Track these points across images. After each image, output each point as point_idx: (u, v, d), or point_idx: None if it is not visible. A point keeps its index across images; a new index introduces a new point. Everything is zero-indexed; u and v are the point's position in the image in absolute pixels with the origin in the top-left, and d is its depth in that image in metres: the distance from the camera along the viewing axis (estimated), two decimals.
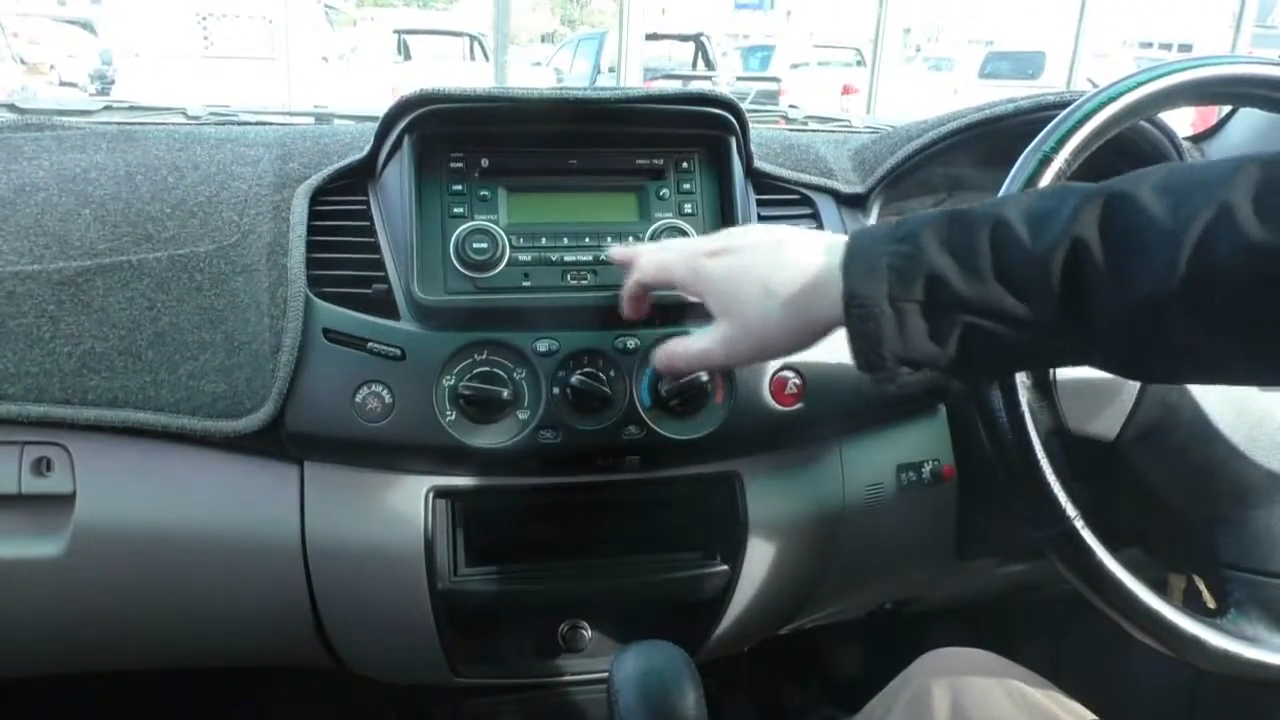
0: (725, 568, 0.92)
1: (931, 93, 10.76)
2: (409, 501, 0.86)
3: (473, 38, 9.75)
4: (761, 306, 0.65)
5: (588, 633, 0.97)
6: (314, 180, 0.89)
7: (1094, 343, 0.58)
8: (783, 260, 0.65)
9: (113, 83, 7.41)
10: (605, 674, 0.74)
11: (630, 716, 0.63)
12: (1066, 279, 0.56)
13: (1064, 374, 0.78)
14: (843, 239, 0.64)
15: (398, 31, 9.72)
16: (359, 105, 1.34)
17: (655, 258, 0.73)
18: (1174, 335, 0.55)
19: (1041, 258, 0.56)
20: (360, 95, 6.56)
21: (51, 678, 1.11)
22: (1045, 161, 0.72)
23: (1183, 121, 1.01)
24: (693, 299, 0.71)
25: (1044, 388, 0.78)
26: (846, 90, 8.97)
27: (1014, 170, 0.73)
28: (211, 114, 1.22)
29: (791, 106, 1.45)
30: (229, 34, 7.22)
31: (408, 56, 9.42)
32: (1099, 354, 0.59)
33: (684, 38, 9.40)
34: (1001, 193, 0.73)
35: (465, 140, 0.87)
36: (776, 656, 1.23)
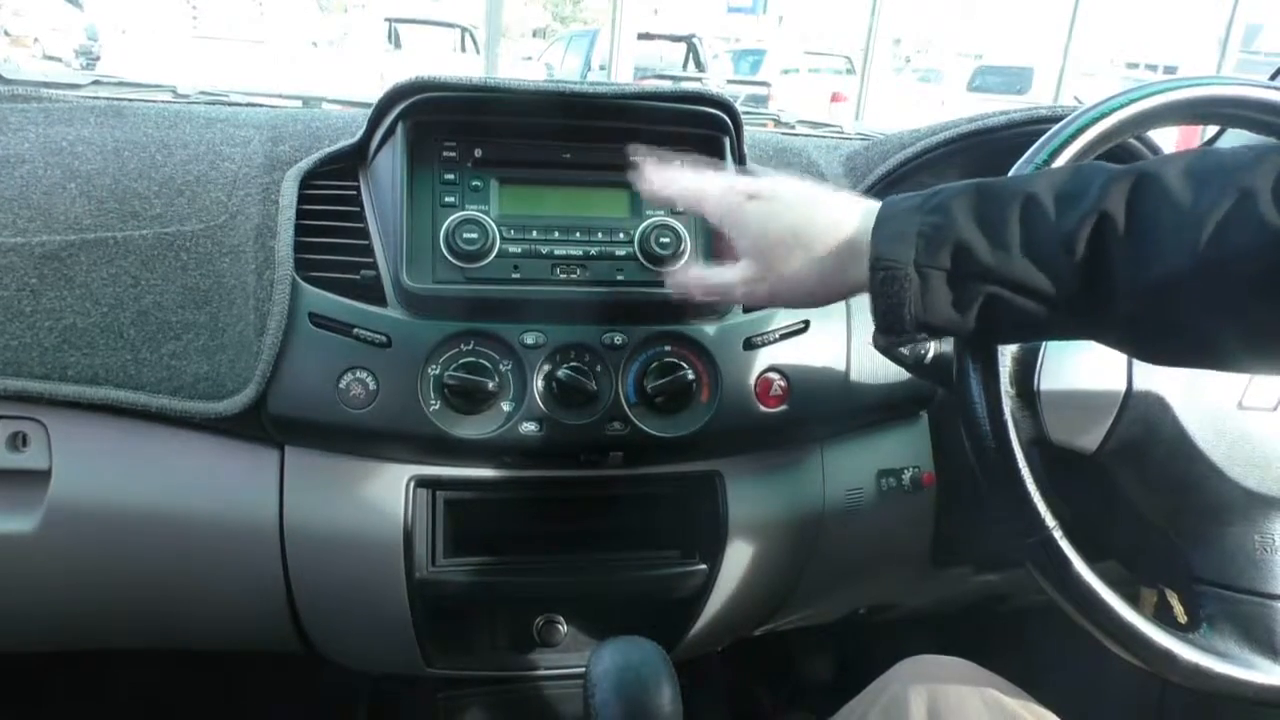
0: (704, 567, 0.93)
1: (920, 104, 10.83)
2: (389, 490, 0.85)
3: (464, 30, 9.71)
4: (790, 255, 0.67)
5: (563, 628, 0.97)
6: (305, 164, 0.89)
7: (1110, 319, 0.59)
8: (817, 216, 0.67)
9: (98, 59, 7.34)
10: (580, 669, 0.74)
11: (606, 711, 0.62)
12: (1090, 254, 0.57)
13: (1047, 385, 0.78)
14: (875, 204, 0.66)
15: (389, 20, 9.66)
16: (349, 92, 1.33)
17: (694, 184, 0.73)
18: (1187, 317, 0.57)
19: (1068, 233, 0.58)
20: (349, 82, 6.52)
21: (22, 655, 1.09)
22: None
23: (1165, 144, 1.03)
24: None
25: (1027, 397, 0.78)
26: (835, 98, 9.02)
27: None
28: (201, 94, 1.21)
29: (781, 111, 1.45)
30: (218, 14, 7.16)
31: (398, 45, 9.37)
32: (1113, 331, 0.61)
33: (676, 38, 9.39)
34: None
35: (459, 130, 0.87)
36: (749, 658, 1.23)
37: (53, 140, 0.92)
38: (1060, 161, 0.72)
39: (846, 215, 0.66)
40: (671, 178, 0.75)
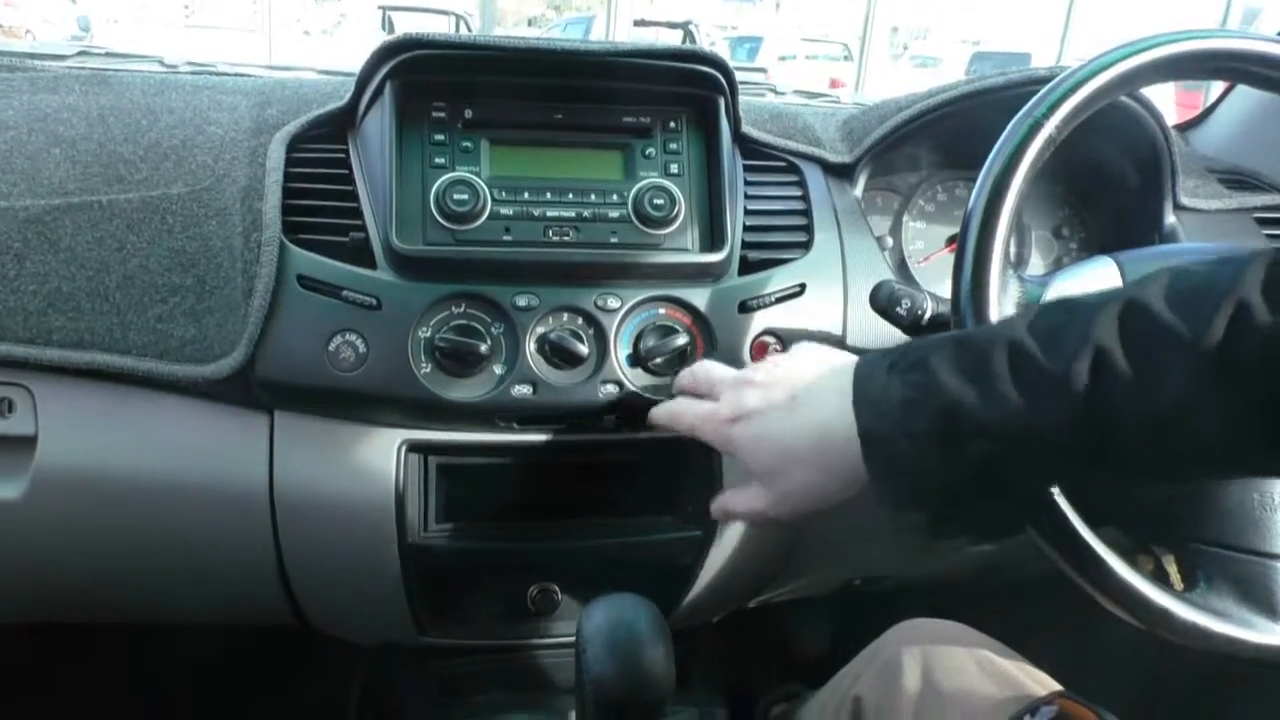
0: (698, 533, 0.92)
1: (917, 89, 10.78)
2: (381, 454, 0.84)
3: (459, 17, 9.66)
4: (789, 472, 0.66)
5: (558, 596, 0.96)
6: (292, 127, 0.88)
7: (1124, 453, 0.56)
8: (799, 420, 0.65)
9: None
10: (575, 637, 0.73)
11: (598, 667, 0.62)
12: (1091, 391, 0.54)
13: None
14: (851, 366, 0.64)
15: (382, 7, 9.61)
16: (341, 65, 1.31)
17: (685, 417, 0.74)
18: (1201, 438, 0.54)
19: (1062, 372, 0.55)
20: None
21: (12, 627, 1.09)
22: (1036, 127, 0.71)
23: (1164, 107, 1.02)
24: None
25: None
26: (833, 84, 8.98)
27: (1004, 136, 0.72)
28: (188, 64, 1.19)
29: (777, 84, 1.43)
30: (211, 3, 7.13)
31: (392, 31, 9.31)
32: (1124, 466, 0.58)
33: (672, 25, 9.33)
34: (989, 160, 0.73)
35: (448, 90, 0.85)
36: (744, 631, 1.22)
37: (38, 107, 0.91)
38: (1061, 113, 0.71)
39: (826, 407, 0.63)
40: (667, 418, 0.76)
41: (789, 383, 0.68)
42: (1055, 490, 0.68)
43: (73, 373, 0.81)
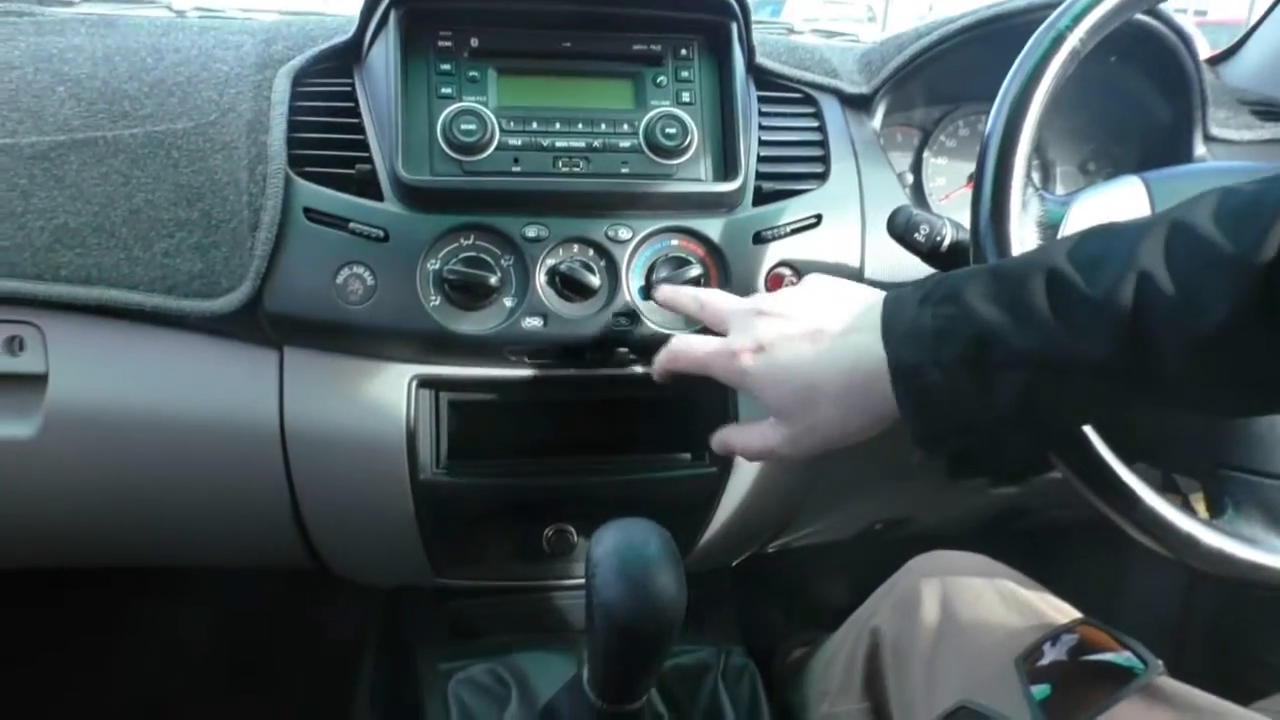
0: (714, 470, 0.90)
1: None
2: (391, 390, 0.83)
3: None
4: (813, 406, 0.62)
5: (574, 537, 0.96)
6: (297, 61, 0.86)
7: (1166, 380, 0.54)
8: (823, 352, 0.62)
9: None
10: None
11: (607, 591, 0.61)
12: (1135, 315, 0.52)
13: None
14: (878, 299, 0.61)
15: None
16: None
17: (692, 352, 0.70)
18: (1247, 364, 0.52)
19: (1104, 298, 0.53)
20: None
21: (31, 572, 1.10)
22: (1060, 39, 0.69)
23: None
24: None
25: None
26: None
27: (1025, 49, 0.70)
28: (197, 9, 1.18)
29: (793, 24, 1.39)
30: None
31: None
32: (1170, 392, 0.55)
33: None
34: (1010, 74, 0.70)
35: (454, 18, 0.84)
36: (764, 576, 1.21)
37: (43, 48, 0.91)
38: (1085, 25, 0.69)
39: (852, 338, 0.61)
40: (667, 358, 0.72)
41: (808, 314, 0.64)
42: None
43: (81, 310, 0.80)
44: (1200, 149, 1.02)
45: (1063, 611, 0.72)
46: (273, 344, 0.83)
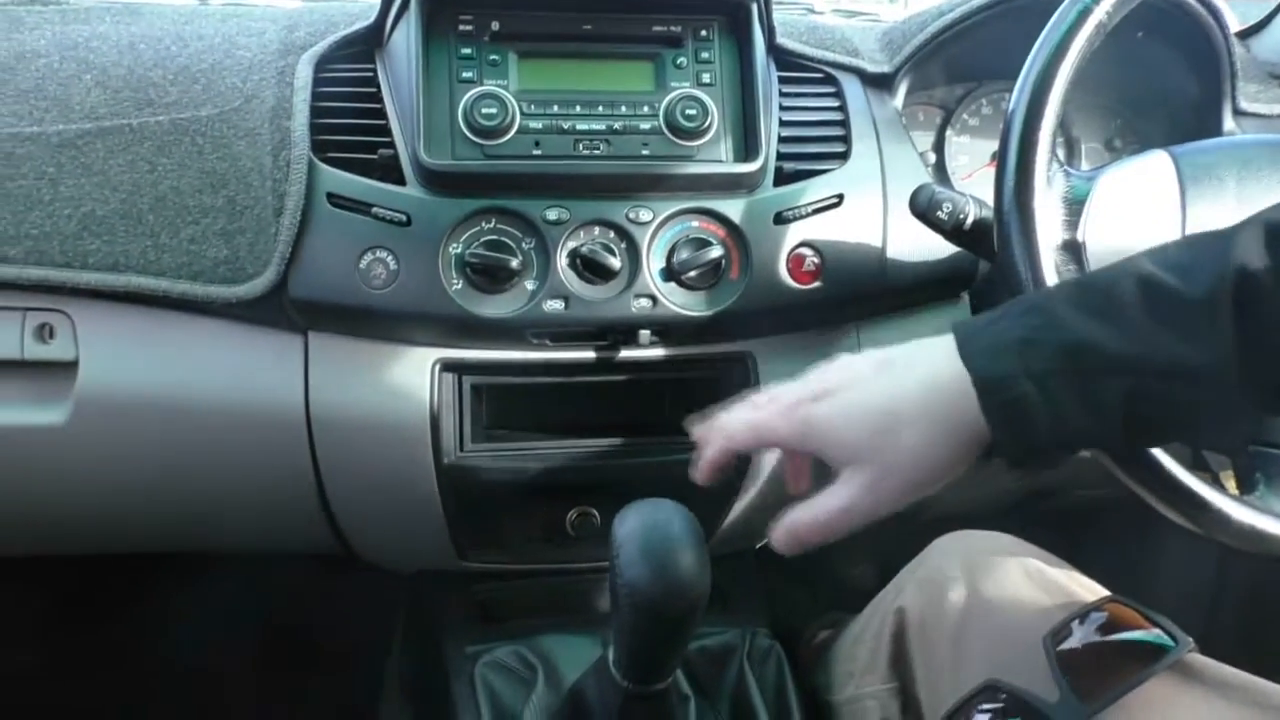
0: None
1: None
2: (415, 373, 0.84)
3: None
4: (893, 438, 0.55)
5: (597, 520, 0.96)
6: (320, 47, 0.87)
7: (1273, 387, 0.52)
8: (896, 379, 0.57)
9: None
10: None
11: (631, 571, 0.61)
12: (1238, 313, 0.50)
13: (1093, 242, 0.74)
14: (945, 334, 0.56)
15: None
16: None
17: (746, 420, 0.62)
18: None
19: (1204, 300, 0.50)
20: None
21: (63, 559, 1.11)
22: (1086, 12, 0.68)
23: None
24: None
25: (1073, 250, 0.74)
26: None
27: (1051, 22, 0.69)
28: None
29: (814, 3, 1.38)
30: None
31: None
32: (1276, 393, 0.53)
33: None
34: (1035, 48, 0.69)
35: (474, 2, 0.84)
36: (787, 559, 1.21)
37: (69, 37, 0.92)
38: (1110, 1, 0.68)
39: (927, 361, 0.56)
40: (713, 426, 0.64)
41: (869, 357, 0.59)
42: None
43: (110, 297, 0.81)
44: (1230, 124, 1.00)
45: (1091, 590, 0.71)
46: (298, 329, 0.84)
